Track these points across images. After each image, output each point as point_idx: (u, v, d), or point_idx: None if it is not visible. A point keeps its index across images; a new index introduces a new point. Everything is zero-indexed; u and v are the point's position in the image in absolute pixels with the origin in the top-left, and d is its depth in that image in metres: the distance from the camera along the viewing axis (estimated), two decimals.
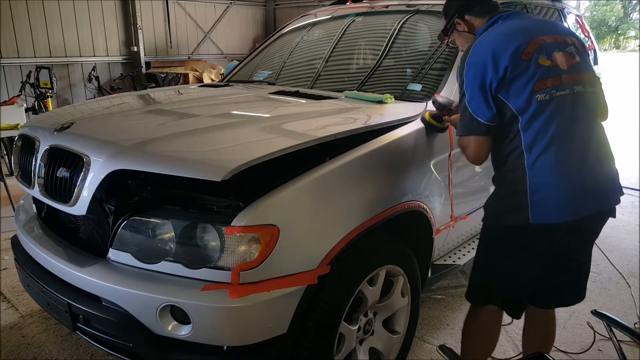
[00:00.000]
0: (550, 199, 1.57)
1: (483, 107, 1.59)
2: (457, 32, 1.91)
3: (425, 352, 2.40)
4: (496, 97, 1.58)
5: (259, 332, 1.57)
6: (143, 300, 1.58)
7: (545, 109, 1.56)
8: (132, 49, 9.04)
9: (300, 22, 3.54)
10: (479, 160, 1.68)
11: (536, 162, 1.57)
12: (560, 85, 1.59)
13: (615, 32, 43.65)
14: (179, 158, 1.67)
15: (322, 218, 1.67)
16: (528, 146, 1.58)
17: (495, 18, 1.74)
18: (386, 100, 2.30)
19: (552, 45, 1.63)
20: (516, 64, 1.56)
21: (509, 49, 1.57)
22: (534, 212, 1.57)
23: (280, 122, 2.04)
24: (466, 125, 1.64)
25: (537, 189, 1.57)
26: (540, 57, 1.58)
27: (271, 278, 1.55)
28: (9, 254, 3.32)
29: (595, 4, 41.01)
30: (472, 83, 1.60)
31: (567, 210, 1.58)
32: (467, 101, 1.61)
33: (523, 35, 1.62)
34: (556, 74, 1.59)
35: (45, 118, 2.37)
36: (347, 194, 1.74)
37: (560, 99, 1.58)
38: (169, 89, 3.72)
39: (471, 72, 1.61)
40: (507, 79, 1.56)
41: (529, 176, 1.58)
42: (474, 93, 1.60)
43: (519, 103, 1.57)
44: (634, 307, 2.84)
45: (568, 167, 1.57)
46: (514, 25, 1.68)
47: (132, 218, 1.67)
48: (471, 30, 1.85)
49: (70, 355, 2.37)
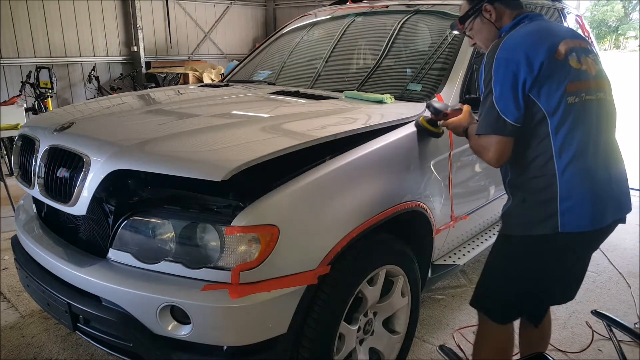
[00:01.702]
0: (579, 207, 1.52)
1: (512, 106, 1.51)
2: (482, 20, 1.75)
3: (425, 352, 2.40)
4: (527, 96, 1.52)
5: (259, 332, 1.57)
6: (143, 300, 1.58)
7: (572, 112, 1.52)
8: (132, 49, 9.04)
9: (300, 22, 3.54)
10: (500, 162, 1.58)
11: (567, 169, 1.51)
12: (589, 90, 1.56)
13: (615, 32, 43.65)
14: (179, 158, 1.67)
15: (322, 218, 1.66)
16: (558, 151, 1.52)
17: (521, 17, 1.68)
18: (386, 100, 2.30)
19: (580, 50, 1.59)
20: (550, 62, 1.51)
21: (542, 47, 1.52)
22: (564, 221, 1.52)
23: (280, 122, 2.04)
24: (491, 124, 1.54)
25: (567, 196, 1.51)
26: (571, 59, 1.55)
27: (271, 278, 1.54)
28: (9, 254, 3.32)
29: (595, 4, 41.00)
30: (503, 80, 1.51)
31: (594, 219, 1.55)
32: (495, 99, 1.52)
33: (553, 36, 1.58)
34: (585, 78, 1.57)
35: (45, 118, 2.37)
36: (347, 194, 1.74)
37: (587, 103, 1.55)
38: (169, 89, 3.72)
39: (502, 68, 1.52)
40: (541, 78, 1.50)
41: (559, 183, 1.52)
42: (504, 90, 1.51)
43: (551, 104, 1.51)
44: (634, 307, 2.84)
45: (596, 174, 1.54)
46: (542, 26, 1.63)
47: (132, 218, 1.67)
48: (497, 21, 1.73)
49: (70, 355, 2.37)
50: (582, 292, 2.99)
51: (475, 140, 1.64)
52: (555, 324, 2.63)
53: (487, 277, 1.77)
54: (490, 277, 1.76)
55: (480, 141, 1.60)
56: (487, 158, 1.59)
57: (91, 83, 8.32)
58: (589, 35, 4.29)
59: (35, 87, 6.76)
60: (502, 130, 1.53)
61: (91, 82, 8.30)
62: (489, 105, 1.54)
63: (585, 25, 4.27)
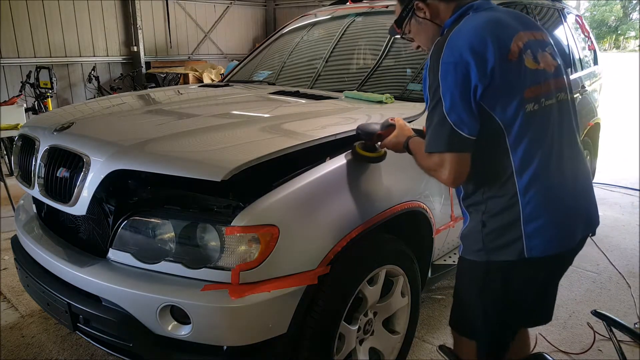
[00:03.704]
0: (546, 229, 1.36)
1: (466, 118, 1.29)
2: (417, 20, 1.54)
3: (425, 352, 2.40)
4: (479, 105, 1.30)
5: (259, 332, 1.57)
6: (143, 300, 1.58)
7: (533, 121, 1.33)
8: (132, 49, 9.04)
9: (300, 22, 3.54)
10: (458, 182, 1.36)
11: (529, 187, 1.34)
12: (549, 93, 1.38)
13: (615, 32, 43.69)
14: (179, 158, 1.67)
15: (322, 218, 1.66)
16: (519, 167, 1.33)
17: (465, 7, 1.44)
18: (386, 100, 2.31)
19: (535, 44, 1.39)
20: (503, 65, 1.30)
21: (492, 46, 1.30)
22: (530, 245, 1.35)
23: (280, 122, 2.04)
24: (444, 140, 1.31)
25: (531, 218, 1.34)
26: (527, 58, 1.35)
27: (271, 278, 1.54)
28: (9, 254, 3.32)
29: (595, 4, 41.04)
30: (453, 87, 1.29)
31: (563, 239, 1.40)
32: (447, 110, 1.29)
33: (504, 30, 1.35)
34: (544, 79, 1.38)
35: (45, 118, 2.37)
36: (347, 194, 1.74)
37: (547, 109, 1.37)
38: (169, 89, 3.72)
39: (451, 74, 1.29)
40: (494, 85, 1.29)
41: (521, 203, 1.34)
42: (455, 99, 1.28)
43: (507, 114, 1.31)
44: (634, 307, 2.84)
45: (562, 190, 1.38)
46: (491, 18, 1.38)
47: (132, 218, 1.67)
48: (434, 18, 1.50)
49: (70, 355, 2.37)
50: (582, 292, 2.99)
51: (425, 159, 1.41)
52: (555, 324, 2.64)
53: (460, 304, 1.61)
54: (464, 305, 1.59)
55: (432, 159, 1.36)
56: (442, 178, 1.36)
57: (91, 83, 8.32)
58: (589, 35, 4.29)
59: (35, 87, 6.76)
60: (457, 146, 1.30)
61: (91, 82, 8.30)
62: (438, 118, 1.31)
63: (585, 25, 4.27)
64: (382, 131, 1.69)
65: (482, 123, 1.32)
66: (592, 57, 4.26)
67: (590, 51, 4.25)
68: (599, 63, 4.38)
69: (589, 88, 3.91)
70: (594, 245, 3.28)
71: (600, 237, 3.80)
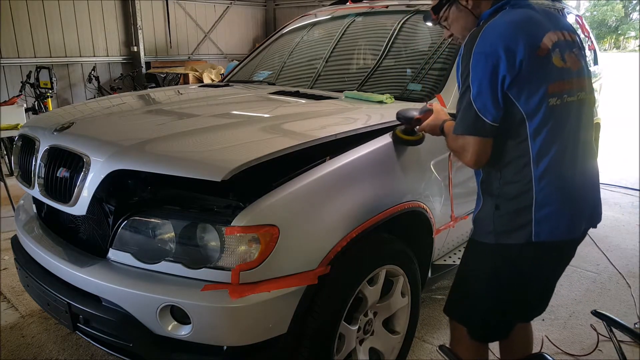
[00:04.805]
0: (555, 216, 1.43)
1: (490, 105, 1.38)
2: (458, 7, 1.59)
3: (425, 352, 2.40)
4: (505, 94, 1.39)
5: (259, 332, 1.57)
6: (143, 300, 1.58)
7: (553, 115, 1.41)
8: (132, 49, 9.05)
9: (300, 22, 3.54)
10: (479, 164, 1.47)
11: (544, 176, 1.42)
12: (570, 90, 1.45)
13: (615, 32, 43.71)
14: (179, 158, 1.67)
15: (322, 218, 1.66)
16: (536, 156, 1.41)
17: (503, 2, 1.51)
18: (386, 101, 2.30)
19: (564, 44, 1.46)
20: (532, 59, 1.38)
21: (523, 41, 1.38)
22: (538, 230, 1.43)
23: (280, 122, 2.04)
24: (469, 125, 1.41)
25: (543, 204, 1.42)
26: (555, 57, 1.42)
27: (271, 278, 1.54)
28: (9, 254, 3.32)
29: (595, 4, 41.05)
30: (482, 76, 1.37)
31: (570, 227, 1.47)
32: (473, 97, 1.39)
33: (537, 27, 1.43)
34: (568, 77, 1.45)
35: (45, 118, 2.37)
36: (347, 194, 1.74)
37: (568, 105, 1.45)
38: (169, 89, 3.72)
39: (481, 63, 1.38)
40: (521, 77, 1.37)
41: (535, 190, 1.42)
42: (482, 88, 1.38)
43: (530, 105, 1.39)
44: (634, 307, 2.84)
45: (573, 182, 1.46)
46: (525, 15, 1.46)
47: (132, 218, 1.67)
48: (475, 8, 1.56)
49: (70, 355, 2.37)
50: (582, 292, 2.99)
51: (453, 140, 1.51)
52: (556, 324, 2.64)
53: (462, 287, 1.66)
54: (467, 287, 1.64)
55: (458, 142, 1.47)
56: (465, 160, 1.47)
57: (91, 83, 8.32)
58: (589, 35, 4.29)
59: (35, 87, 6.76)
60: (480, 131, 1.41)
61: (91, 82, 8.31)
62: (466, 103, 1.42)
63: (585, 25, 4.27)
64: (420, 115, 1.78)
65: (505, 112, 1.41)
66: (592, 57, 4.26)
67: (591, 51, 4.26)
68: (599, 63, 4.39)
69: None
70: (594, 245, 3.27)
71: (600, 237, 3.80)
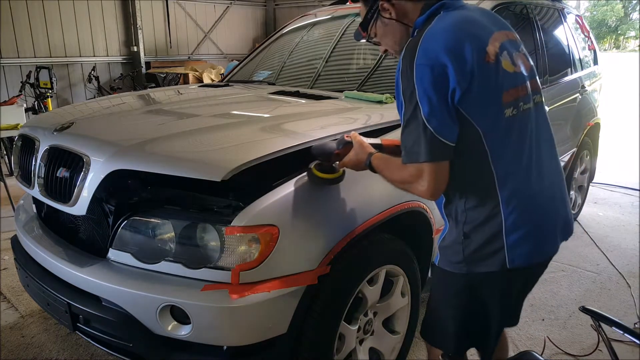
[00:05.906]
0: (529, 239, 1.31)
1: (448, 124, 1.20)
2: (382, 21, 1.41)
3: (425, 352, 2.40)
4: (456, 109, 1.22)
5: (259, 332, 1.57)
6: (143, 300, 1.58)
7: (513, 127, 1.27)
8: (132, 49, 9.04)
9: (300, 22, 3.54)
10: (438, 193, 1.28)
11: (512, 197, 1.28)
12: (526, 97, 1.31)
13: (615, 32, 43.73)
14: (178, 158, 1.67)
15: (322, 218, 1.67)
16: (501, 177, 1.27)
17: (436, 6, 1.33)
18: (386, 100, 2.30)
19: (510, 45, 1.32)
20: (481, 68, 1.22)
21: (470, 46, 1.21)
22: (512, 256, 1.30)
23: (280, 122, 2.04)
24: (426, 150, 1.20)
25: (513, 228, 1.29)
26: (504, 60, 1.27)
27: (271, 278, 1.54)
28: (9, 254, 3.32)
29: (595, 4, 41.08)
30: (431, 91, 1.18)
31: (545, 248, 1.37)
32: (425, 116, 1.19)
33: (481, 30, 1.28)
34: (522, 82, 1.31)
35: (45, 118, 2.37)
36: (347, 194, 1.74)
37: (526, 114, 1.31)
38: (169, 89, 3.72)
39: (427, 76, 1.19)
40: (472, 89, 1.20)
41: (504, 214, 1.28)
42: (433, 104, 1.18)
43: (487, 120, 1.24)
44: (634, 307, 2.84)
45: (542, 198, 1.34)
46: (465, 17, 1.30)
47: (132, 218, 1.67)
48: (401, 18, 1.38)
49: (70, 355, 2.37)
50: (582, 292, 2.99)
51: (397, 172, 1.33)
52: (556, 324, 2.64)
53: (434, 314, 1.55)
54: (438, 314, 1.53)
55: (407, 171, 1.27)
56: (420, 190, 1.26)
57: (91, 83, 8.32)
58: (589, 35, 4.29)
59: (35, 87, 6.76)
60: (439, 154, 1.21)
61: (91, 82, 8.31)
62: (417, 125, 1.21)
63: (585, 25, 4.27)
64: (339, 150, 1.57)
65: (459, 129, 1.24)
66: (592, 57, 4.26)
67: (590, 51, 4.25)
68: (599, 63, 4.39)
69: (589, 88, 3.92)
70: (594, 245, 3.28)
71: (600, 237, 3.81)
